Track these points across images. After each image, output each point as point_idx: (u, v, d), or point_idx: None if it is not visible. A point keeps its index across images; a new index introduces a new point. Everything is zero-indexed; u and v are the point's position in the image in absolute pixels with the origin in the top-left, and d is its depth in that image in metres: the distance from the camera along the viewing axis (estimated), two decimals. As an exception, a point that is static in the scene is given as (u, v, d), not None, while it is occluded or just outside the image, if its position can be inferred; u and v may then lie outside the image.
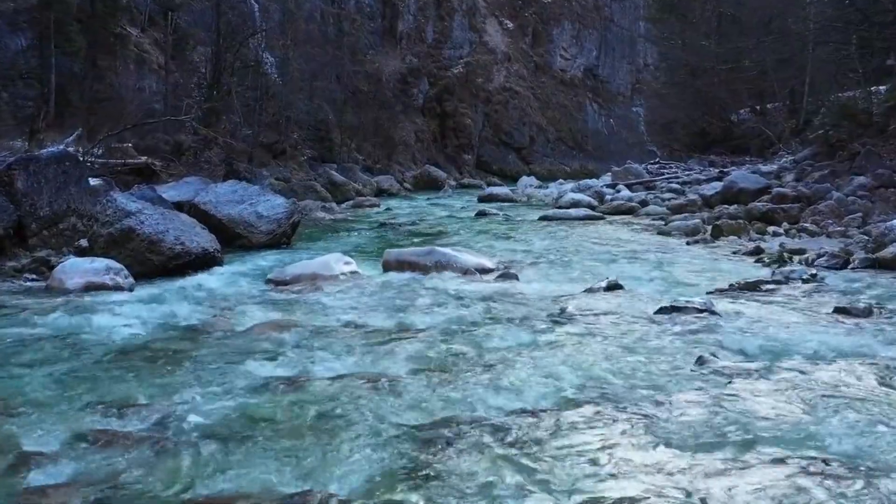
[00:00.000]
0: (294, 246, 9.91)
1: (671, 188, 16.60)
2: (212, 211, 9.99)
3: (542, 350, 3.94)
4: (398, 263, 7.59)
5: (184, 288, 6.67)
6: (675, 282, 6.50)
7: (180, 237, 7.75)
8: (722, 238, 9.89)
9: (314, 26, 29.98)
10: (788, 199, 11.81)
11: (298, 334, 4.34)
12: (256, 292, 6.27)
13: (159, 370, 3.61)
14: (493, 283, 6.47)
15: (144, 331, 4.58)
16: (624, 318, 4.66)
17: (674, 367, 3.59)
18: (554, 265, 7.79)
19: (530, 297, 5.62)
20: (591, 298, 5.44)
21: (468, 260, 7.44)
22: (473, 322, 4.68)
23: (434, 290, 5.98)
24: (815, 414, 2.93)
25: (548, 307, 5.15)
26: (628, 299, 5.41)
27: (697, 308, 4.70)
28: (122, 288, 6.51)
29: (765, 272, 6.66)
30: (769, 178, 14.20)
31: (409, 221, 13.44)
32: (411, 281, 6.55)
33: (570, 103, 44.23)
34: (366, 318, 4.82)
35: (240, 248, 9.59)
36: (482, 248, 9.66)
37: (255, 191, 10.22)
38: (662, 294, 5.77)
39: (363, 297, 5.73)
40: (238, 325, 4.66)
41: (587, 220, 13.11)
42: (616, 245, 9.56)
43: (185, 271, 7.57)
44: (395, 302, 5.46)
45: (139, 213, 7.73)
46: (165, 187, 11.39)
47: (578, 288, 6.09)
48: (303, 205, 15.74)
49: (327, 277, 6.92)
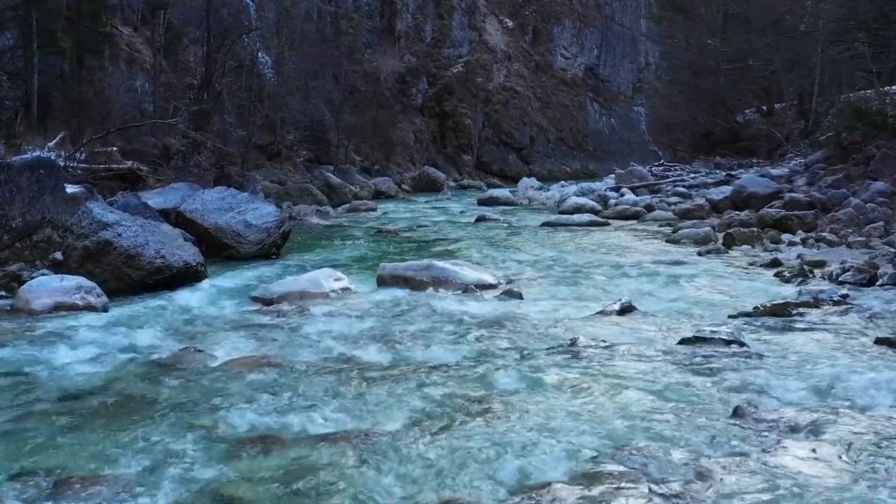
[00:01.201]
0: (284, 257, 9.42)
1: (677, 192, 16.10)
2: (198, 219, 9.50)
3: (553, 396, 3.44)
4: (393, 278, 7.10)
5: (162, 307, 6.18)
6: (692, 301, 6.01)
7: (161, 250, 7.26)
8: (735, 247, 9.41)
9: (310, 25, 29.50)
10: (802, 204, 11.33)
11: (278, 374, 3.84)
12: (239, 314, 5.77)
13: (112, 426, 3.11)
14: (495, 302, 5.97)
15: (105, 367, 4.09)
16: (643, 351, 4.16)
17: (708, 420, 3.10)
18: (560, 280, 7.29)
19: (537, 321, 5.12)
20: (603, 324, 4.94)
21: (468, 275, 6.95)
22: (474, 357, 4.19)
23: (431, 313, 5.49)
24: (887, 484, 2.45)
25: (557, 336, 4.65)
26: (645, 325, 4.91)
27: (724, 339, 4.21)
28: (94, 308, 6.02)
29: (790, 291, 6.16)
30: (780, 183, 13.71)
31: (407, 227, 12.94)
32: (407, 300, 6.06)
33: (570, 103, 43.73)
34: (355, 351, 4.32)
35: (227, 258, 9.10)
36: (482, 258, 9.17)
37: (244, 198, 9.73)
38: (680, 317, 5.28)
39: (354, 321, 5.23)
40: (211, 359, 4.16)
41: (591, 226, 12.61)
42: (624, 256, 9.06)
43: (166, 287, 7.09)
44: (388, 329, 4.97)
45: (116, 224, 7.23)
46: (151, 194, 10.88)
47: (588, 309, 5.60)
48: (297, 209, 15.27)
49: (316, 295, 6.43)
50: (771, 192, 12.96)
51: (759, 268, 7.84)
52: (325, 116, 26.07)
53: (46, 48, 13.97)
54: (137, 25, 20.84)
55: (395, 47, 36.05)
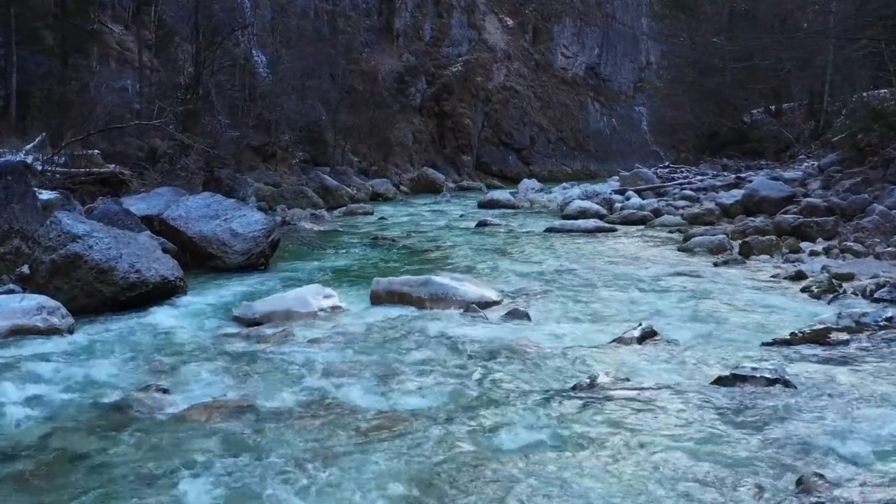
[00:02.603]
0: (273, 267, 8.85)
1: (685, 195, 15.52)
2: (181, 227, 8.93)
3: (569, 458, 2.87)
4: (388, 295, 6.53)
5: (132, 329, 5.62)
6: (717, 323, 5.44)
7: (136, 264, 6.69)
8: (752, 257, 8.86)
9: (307, 23, 28.90)
10: (820, 210, 10.77)
11: (248, 426, 3.27)
12: (216, 338, 5.20)
13: (31, 500, 2.54)
14: (500, 324, 5.40)
15: (48, 411, 3.52)
16: (673, 393, 3.59)
17: (767, 494, 2.53)
18: (568, 295, 6.72)
19: (547, 351, 4.55)
20: (623, 355, 4.37)
21: (469, 291, 6.38)
22: (478, 401, 3.61)
23: (428, 339, 4.92)
24: None
25: (571, 371, 4.08)
26: (670, 356, 4.35)
27: (768, 378, 3.65)
28: (57, 331, 5.44)
29: (825, 311, 5.59)
30: (793, 186, 13.15)
31: (404, 234, 12.37)
32: (402, 322, 5.50)
33: (571, 102, 43.13)
34: (340, 392, 3.75)
35: (212, 269, 8.54)
36: (484, 269, 8.60)
37: (231, 205, 9.14)
38: (708, 345, 4.71)
39: (342, 351, 4.66)
40: (174, 403, 3.59)
41: (597, 232, 12.03)
42: (635, 266, 8.50)
43: (142, 304, 6.53)
44: (379, 361, 4.40)
45: (87, 236, 6.66)
46: (134, 199, 10.32)
47: (604, 334, 5.03)
48: (290, 213, 14.70)
49: (303, 315, 5.87)
50: (784, 196, 12.41)
51: (783, 281, 7.28)
52: (321, 117, 25.47)
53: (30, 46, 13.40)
54: (128, 23, 20.28)
55: (393, 46, 35.46)
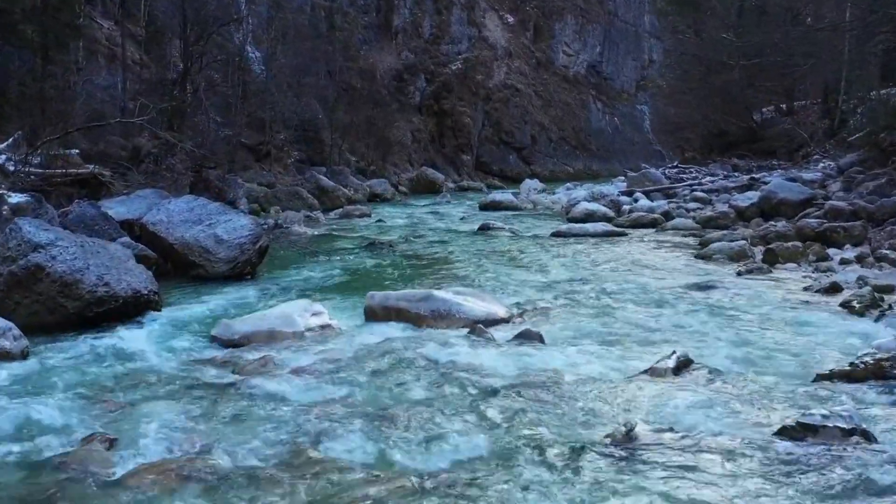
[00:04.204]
0: (261, 276, 8.21)
1: (696, 196, 14.88)
2: (162, 233, 8.28)
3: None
4: (384, 311, 5.89)
5: (94, 354, 4.97)
6: (757, 346, 4.81)
7: (104, 276, 6.04)
8: (777, 265, 8.22)
9: (304, 19, 28.22)
10: (845, 214, 10.13)
11: (204, 492, 2.62)
12: (185, 367, 4.55)
13: None
14: (510, 349, 4.76)
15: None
16: (728, 449, 2.95)
17: None
18: (584, 312, 6.08)
19: (567, 384, 3.91)
20: (660, 392, 3.73)
21: (474, 308, 5.74)
22: (490, 458, 2.97)
23: (429, 367, 4.28)
24: None
25: (600, 413, 3.44)
26: (714, 393, 3.70)
27: (842, 429, 3.00)
28: (8, 355, 4.79)
29: (875, 331, 4.95)
30: (812, 188, 12.51)
31: (402, 238, 11.71)
32: (400, 345, 4.85)
33: (573, 101, 42.44)
34: (324, 445, 3.10)
35: (195, 279, 7.90)
36: (488, 278, 7.96)
37: (216, 208, 8.49)
38: (754, 376, 4.07)
39: (330, 384, 4.02)
40: (119, 460, 2.94)
41: (607, 236, 11.40)
42: (651, 275, 7.86)
43: (111, 320, 5.89)
44: (374, 397, 3.76)
45: (51, 245, 6.00)
46: (114, 202, 9.66)
47: (630, 360, 4.40)
48: (283, 216, 14.06)
49: (288, 336, 5.22)
50: (804, 198, 11.78)
51: (816, 294, 6.64)
52: (318, 115, 24.79)
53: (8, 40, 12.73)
54: (119, 19, 19.62)
55: (392, 43, 34.80)
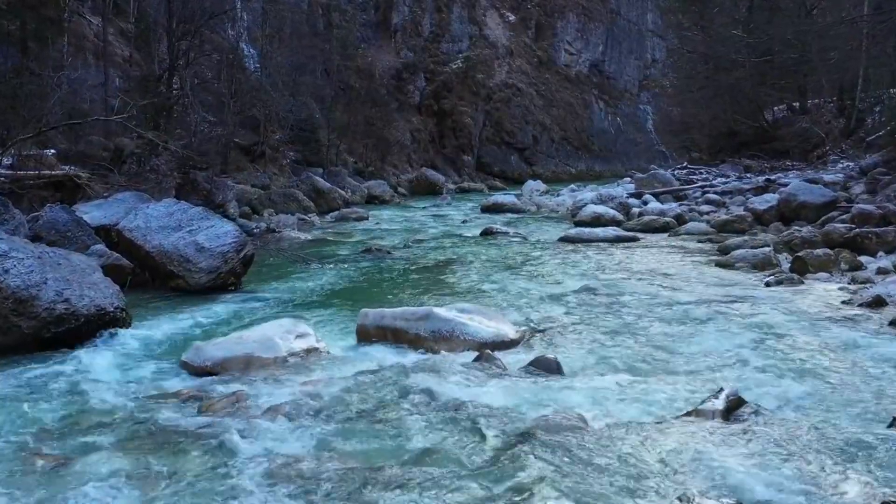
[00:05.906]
0: (245, 287, 7.54)
1: (708, 199, 14.21)
2: (139, 240, 7.61)
3: None
4: (379, 331, 5.22)
5: (41, 386, 4.31)
6: (811, 376, 4.15)
7: (64, 292, 5.36)
8: (808, 275, 7.56)
9: (300, 16, 27.58)
10: (874, 218, 9.46)
11: None
12: (143, 405, 3.88)
13: None
14: (523, 380, 4.09)
15: None
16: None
17: None
18: (602, 332, 5.40)
19: (595, 431, 3.24)
20: (708, 444, 3.06)
21: (480, 328, 5.07)
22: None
23: (431, 408, 3.61)
24: None
25: (639, 471, 2.77)
26: (777, 446, 3.04)
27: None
28: (-59, 387, 4.14)
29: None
30: (835, 190, 11.84)
31: (401, 244, 11.04)
32: (395, 374, 4.19)
33: (575, 101, 41.75)
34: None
35: (174, 290, 7.23)
36: (494, 290, 7.29)
37: (197, 213, 7.81)
38: (818, 421, 3.40)
39: (311, 428, 3.35)
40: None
41: (618, 241, 10.72)
42: (672, 286, 7.18)
43: (72, 340, 5.23)
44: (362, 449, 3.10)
45: (3, 257, 5.33)
46: (90, 206, 9.00)
47: (664, 396, 3.74)
48: (276, 220, 13.40)
49: (268, 363, 4.56)
50: (826, 201, 11.14)
51: (859, 308, 5.97)
52: (314, 114, 24.13)
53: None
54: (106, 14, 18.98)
55: (391, 42, 34.14)
